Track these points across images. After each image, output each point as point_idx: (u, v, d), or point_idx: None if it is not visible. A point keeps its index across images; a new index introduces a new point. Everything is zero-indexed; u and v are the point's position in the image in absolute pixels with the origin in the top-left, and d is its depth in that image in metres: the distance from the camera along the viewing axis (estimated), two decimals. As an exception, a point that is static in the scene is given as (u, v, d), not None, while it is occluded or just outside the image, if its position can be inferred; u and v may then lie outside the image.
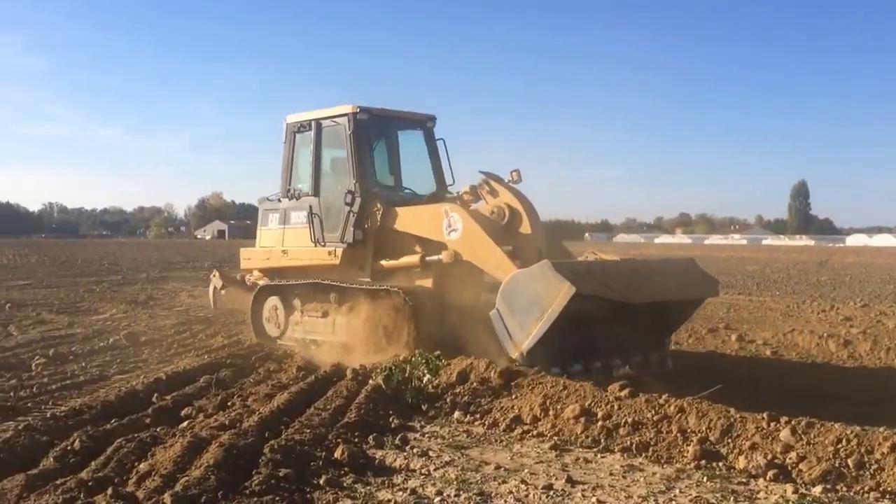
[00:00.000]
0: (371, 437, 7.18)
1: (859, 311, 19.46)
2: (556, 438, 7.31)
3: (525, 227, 11.27)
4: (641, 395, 7.68)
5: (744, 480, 6.12)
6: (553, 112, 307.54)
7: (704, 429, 6.90)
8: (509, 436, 7.54)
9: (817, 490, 5.78)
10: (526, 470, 6.40)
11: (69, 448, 6.62)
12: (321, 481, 5.92)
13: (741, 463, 6.37)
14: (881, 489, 5.81)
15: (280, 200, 13.48)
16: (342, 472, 6.21)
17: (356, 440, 7.08)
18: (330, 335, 12.12)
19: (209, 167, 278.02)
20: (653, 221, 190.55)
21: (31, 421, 7.59)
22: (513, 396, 8.33)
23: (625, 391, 7.85)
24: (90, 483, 5.64)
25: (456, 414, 8.21)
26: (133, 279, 29.53)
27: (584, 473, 6.32)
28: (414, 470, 6.37)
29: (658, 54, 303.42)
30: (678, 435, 6.93)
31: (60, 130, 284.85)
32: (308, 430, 7.17)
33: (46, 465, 6.22)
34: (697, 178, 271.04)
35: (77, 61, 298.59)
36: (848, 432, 6.37)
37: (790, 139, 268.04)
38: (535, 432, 7.56)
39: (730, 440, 6.71)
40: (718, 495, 5.76)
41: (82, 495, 5.42)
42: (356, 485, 5.97)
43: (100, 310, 18.91)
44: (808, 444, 6.39)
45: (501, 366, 9.01)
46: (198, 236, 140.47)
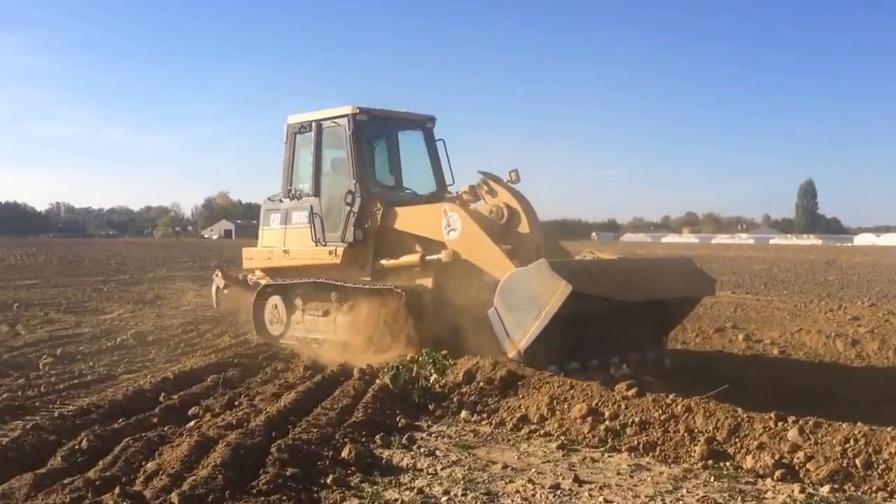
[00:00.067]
0: (378, 437, 7.19)
1: (867, 311, 19.41)
2: (563, 438, 7.30)
3: (523, 227, 11.36)
4: (648, 395, 7.67)
5: (751, 480, 6.11)
6: (557, 111, 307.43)
7: (712, 428, 6.89)
8: (516, 435, 7.54)
9: (825, 490, 5.77)
10: (533, 469, 6.39)
11: (77, 447, 6.64)
12: (328, 481, 5.92)
13: (748, 463, 6.35)
14: (889, 489, 5.79)
15: (281, 201, 13.54)
16: (349, 472, 6.21)
17: (363, 440, 7.09)
18: (331, 334, 12.19)
19: (216, 167, 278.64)
20: (659, 221, 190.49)
21: (39, 420, 7.62)
22: (520, 396, 8.33)
23: (632, 391, 7.84)
24: (98, 482, 5.65)
25: (463, 413, 8.22)
26: (140, 279, 29.57)
27: (592, 473, 6.31)
28: (421, 469, 6.37)
29: (662, 54, 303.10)
30: (685, 434, 6.92)
31: (68, 130, 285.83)
32: (315, 430, 7.18)
33: (54, 465, 6.23)
34: (705, 178, 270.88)
35: (84, 61, 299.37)
36: (856, 432, 6.35)
37: (797, 138, 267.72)
38: (542, 432, 7.55)
39: (737, 440, 6.70)
40: (726, 495, 5.75)
41: (90, 494, 5.42)
42: (363, 484, 5.97)
43: (107, 309, 18.95)
44: (816, 444, 6.37)
45: (509, 365, 9.01)
46: (204, 236, 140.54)
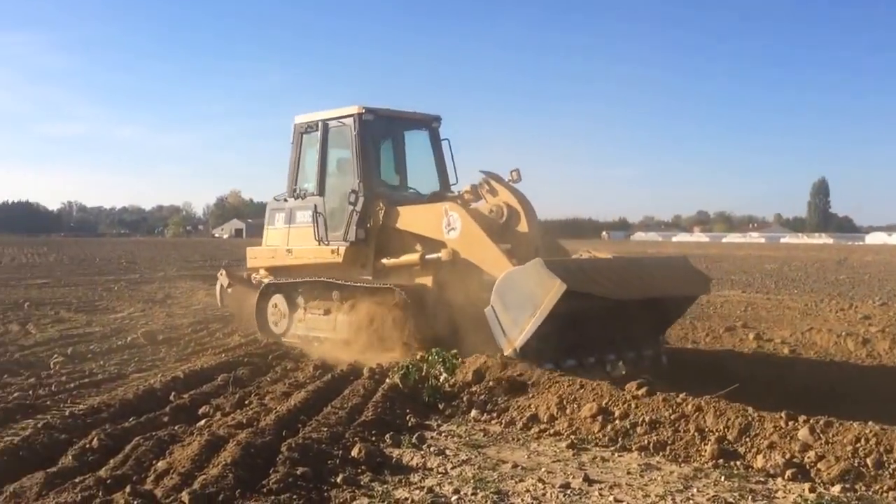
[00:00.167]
0: (388, 436, 7.18)
1: (878, 310, 19.34)
2: (573, 437, 7.29)
3: (522, 226, 11.47)
4: (659, 395, 7.64)
5: (762, 480, 6.09)
6: (567, 109, 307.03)
7: (722, 428, 6.87)
8: (526, 434, 7.53)
9: (836, 489, 5.75)
10: (543, 469, 6.39)
11: (88, 446, 6.66)
12: (338, 480, 5.93)
13: (759, 462, 6.33)
14: (900, 488, 5.77)
15: (286, 200, 13.64)
16: (359, 471, 6.21)
17: (373, 439, 7.09)
18: (332, 332, 12.28)
19: (229, 166, 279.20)
20: (670, 220, 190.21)
21: (50, 419, 7.64)
22: (529, 395, 8.31)
23: (642, 390, 7.82)
24: (109, 481, 5.66)
25: (473, 412, 8.21)
26: (150, 278, 29.63)
27: (602, 472, 6.30)
28: (431, 468, 6.37)
29: (673, 52, 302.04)
30: (696, 434, 6.90)
31: (81, 129, 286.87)
32: (325, 429, 7.18)
33: (65, 464, 6.25)
34: (716, 176, 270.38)
35: (100, 60, 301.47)
36: (867, 431, 6.32)
37: (809, 137, 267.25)
38: (552, 431, 7.54)
39: (747, 439, 6.67)
40: (736, 494, 5.73)
41: (101, 493, 5.43)
42: (373, 483, 5.98)
43: (118, 308, 18.99)
44: (827, 444, 6.34)
45: (518, 365, 9.02)
46: (215, 235, 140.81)
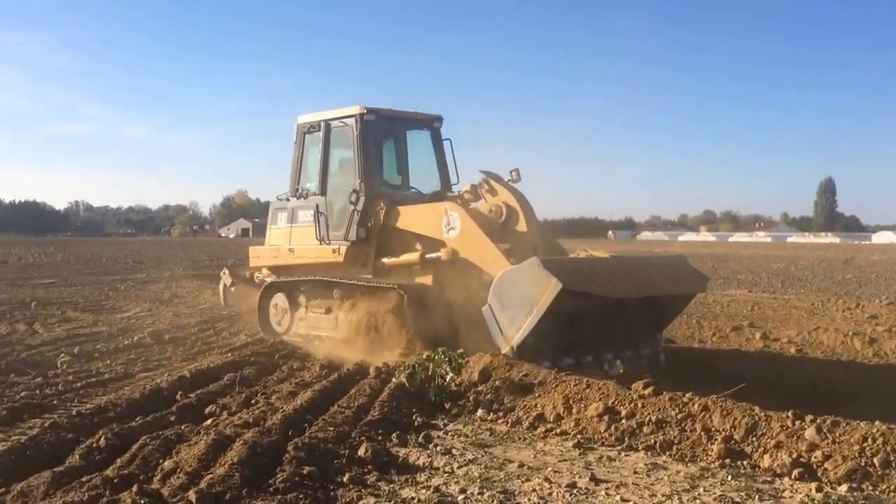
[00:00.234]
0: (394, 436, 7.19)
1: (885, 309, 19.30)
2: (580, 437, 7.29)
3: (521, 225, 11.54)
4: (665, 394, 7.63)
5: (768, 479, 6.08)
6: (573, 108, 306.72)
7: (729, 427, 6.86)
8: (532, 434, 7.53)
9: (843, 489, 5.74)
10: (549, 468, 6.38)
11: (95, 445, 6.67)
12: (345, 479, 5.94)
13: (766, 462, 6.32)
14: (908, 488, 5.76)
15: (289, 200, 13.71)
16: (366, 470, 6.21)
17: (380, 438, 7.10)
18: (332, 331, 12.33)
19: (235, 165, 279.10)
20: (677, 219, 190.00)
21: (57, 418, 7.65)
22: (536, 395, 8.31)
23: (648, 389, 7.81)
24: (115, 480, 5.67)
25: (479, 412, 8.21)
26: (157, 277, 29.67)
27: (608, 472, 6.30)
28: (437, 468, 6.37)
29: (680, 51, 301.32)
30: (702, 433, 6.89)
31: (89, 129, 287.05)
32: (331, 428, 7.19)
33: (72, 463, 6.27)
34: (723, 176, 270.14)
35: (107, 59, 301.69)
36: (874, 431, 6.30)
37: (816, 136, 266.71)
38: (559, 430, 7.54)
39: (754, 439, 6.66)
40: (743, 494, 5.72)
41: (108, 492, 5.45)
42: (380, 483, 5.98)
43: (124, 308, 19.02)
44: (834, 443, 6.33)
45: (525, 365, 9.02)
46: (222, 234, 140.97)
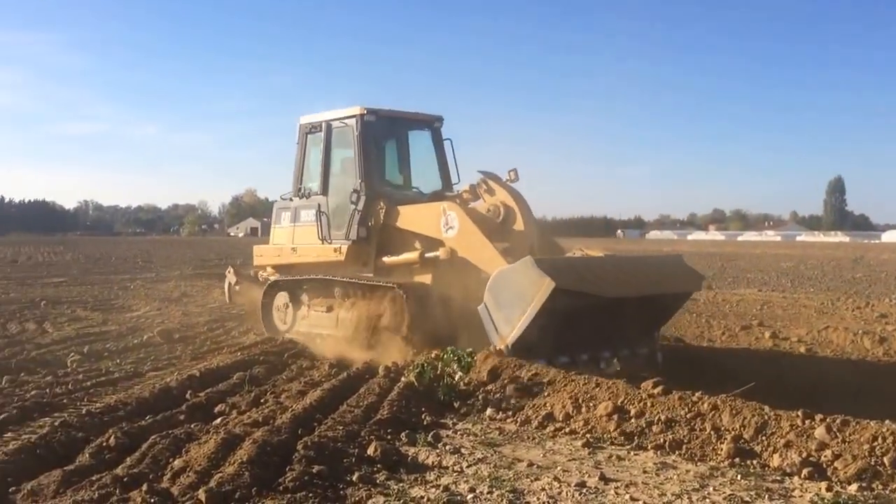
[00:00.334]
0: (404, 434, 7.19)
1: (895, 308, 19.24)
2: (589, 436, 7.28)
3: (519, 225, 11.65)
4: (675, 393, 7.62)
5: (778, 478, 6.06)
6: (581, 106, 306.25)
7: (738, 426, 6.84)
8: (541, 433, 7.52)
9: (852, 488, 5.72)
10: (559, 467, 6.38)
11: (104, 444, 6.69)
12: (354, 478, 5.94)
13: (775, 461, 6.31)
14: (919, 488, 5.74)
15: (292, 199, 13.84)
16: (375, 469, 6.22)
17: (389, 437, 7.10)
18: (333, 329, 12.44)
19: (244, 164, 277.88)
20: (686, 218, 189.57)
21: (67, 417, 7.68)
22: (545, 394, 8.30)
23: (658, 388, 7.79)
24: (125, 479, 5.69)
25: (488, 411, 8.20)
26: (166, 276, 29.76)
27: (617, 471, 6.29)
28: (446, 467, 6.37)
29: (687, 51, 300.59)
30: (712, 432, 6.88)
31: (97, 128, 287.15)
32: (341, 427, 7.20)
33: (82, 461, 6.29)
34: (732, 175, 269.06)
35: (116, 59, 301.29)
36: (884, 430, 6.28)
37: (826, 135, 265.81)
38: (568, 429, 7.53)
39: (764, 438, 6.65)
40: (752, 493, 5.71)
41: (118, 491, 5.47)
42: (389, 482, 5.98)
43: (134, 307, 19.08)
44: (844, 442, 6.31)
45: (534, 364, 9.03)
46: (231, 233, 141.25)
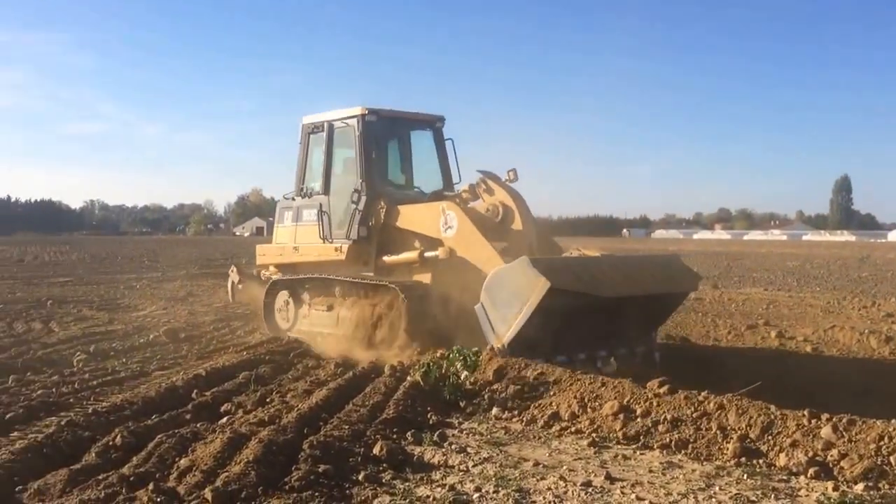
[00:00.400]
0: (409, 434, 7.19)
1: (902, 308, 19.19)
2: (595, 435, 7.27)
3: (517, 224, 11.73)
4: (681, 392, 7.61)
5: (784, 478, 6.05)
6: (587, 106, 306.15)
7: (744, 426, 6.83)
8: (547, 432, 7.52)
9: (859, 488, 5.70)
10: (564, 466, 6.37)
11: (111, 443, 6.71)
12: (360, 477, 5.94)
13: (781, 460, 6.29)
14: (925, 487, 5.72)
15: (294, 199, 13.92)
16: (381, 469, 6.22)
17: (395, 436, 7.10)
18: (334, 328, 12.51)
19: (250, 164, 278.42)
20: (692, 217, 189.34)
21: (73, 416, 7.70)
22: (551, 393, 8.31)
23: (664, 388, 7.79)
24: (131, 478, 5.70)
25: (494, 410, 8.20)
26: (172, 276, 29.80)
27: (623, 470, 6.28)
28: (452, 466, 6.37)
29: (693, 50, 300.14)
30: (718, 432, 6.87)
31: (103, 128, 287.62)
32: (346, 427, 7.20)
33: (88, 460, 6.31)
34: (737, 174, 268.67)
35: (122, 59, 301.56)
36: (890, 429, 6.26)
37: (832, 134, 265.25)
38: (574, 429, 7.53)
39: (770, 437, 6.63)
40: (759, 493, 5.70)
41: (124, 490, 5.48)
42: (395, 481, 5.98)
43: (139, 306, 19.10)
44: (850, 442, 6.30)
45: (540, 364, 9.03)
46: (237, 233, 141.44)
